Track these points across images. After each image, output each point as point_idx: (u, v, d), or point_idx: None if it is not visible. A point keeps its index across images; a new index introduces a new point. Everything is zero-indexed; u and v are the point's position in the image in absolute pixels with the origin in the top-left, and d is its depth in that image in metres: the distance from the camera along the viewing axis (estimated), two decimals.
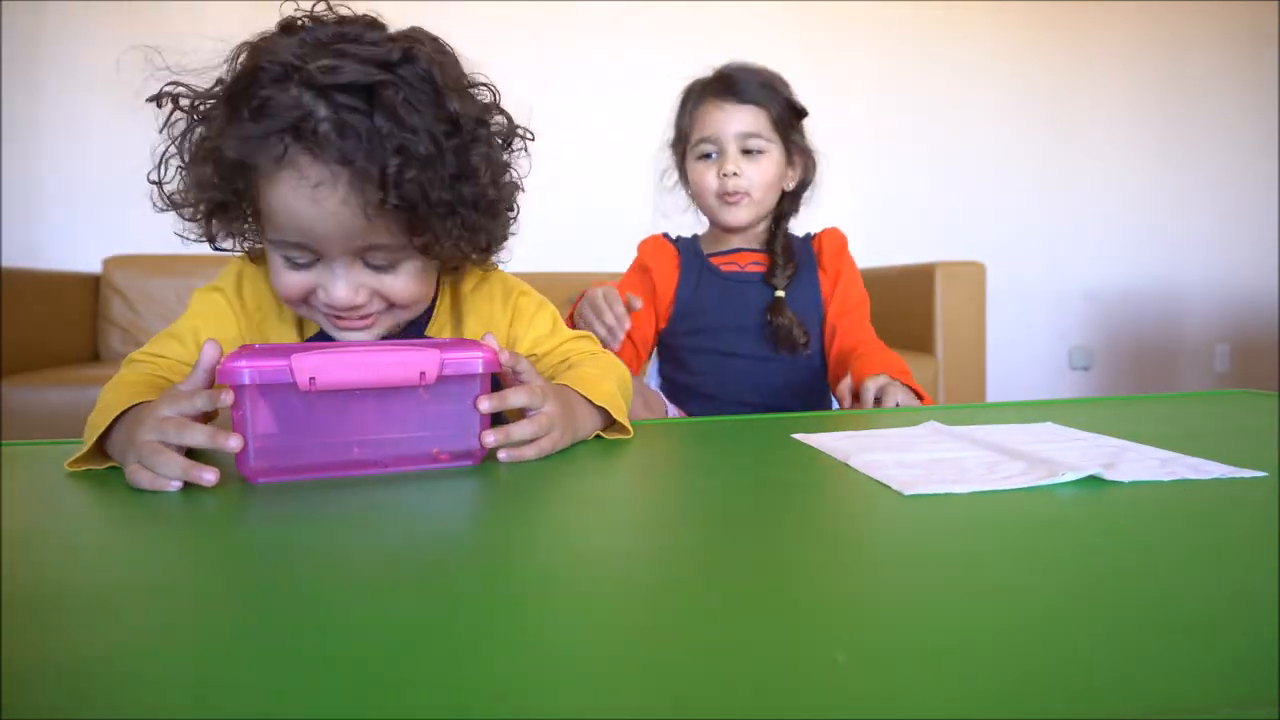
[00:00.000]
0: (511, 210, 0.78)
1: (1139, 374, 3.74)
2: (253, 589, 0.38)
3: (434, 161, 0.65)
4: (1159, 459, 0.60)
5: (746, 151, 1.19)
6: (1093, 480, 0.54)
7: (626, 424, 0.75)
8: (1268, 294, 3.79)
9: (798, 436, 0.73)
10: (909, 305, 2.65)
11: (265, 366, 0.56)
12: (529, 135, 0.79)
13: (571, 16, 3.15)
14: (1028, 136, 3.57)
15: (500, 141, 0.75)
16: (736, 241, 1.27)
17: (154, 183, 0.73)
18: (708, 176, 1.20)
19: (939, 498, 0.51)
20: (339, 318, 0.73)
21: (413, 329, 0.80)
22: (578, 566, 0.41)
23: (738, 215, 1.20)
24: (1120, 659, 0.29)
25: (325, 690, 0.27)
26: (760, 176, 1.19)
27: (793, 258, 1.24)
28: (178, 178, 0.72)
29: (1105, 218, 3.67)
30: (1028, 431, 0.73)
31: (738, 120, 1.18)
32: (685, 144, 1.24)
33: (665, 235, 1.32)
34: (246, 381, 0.56)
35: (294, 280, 0.71)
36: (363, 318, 0.73)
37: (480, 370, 0.62)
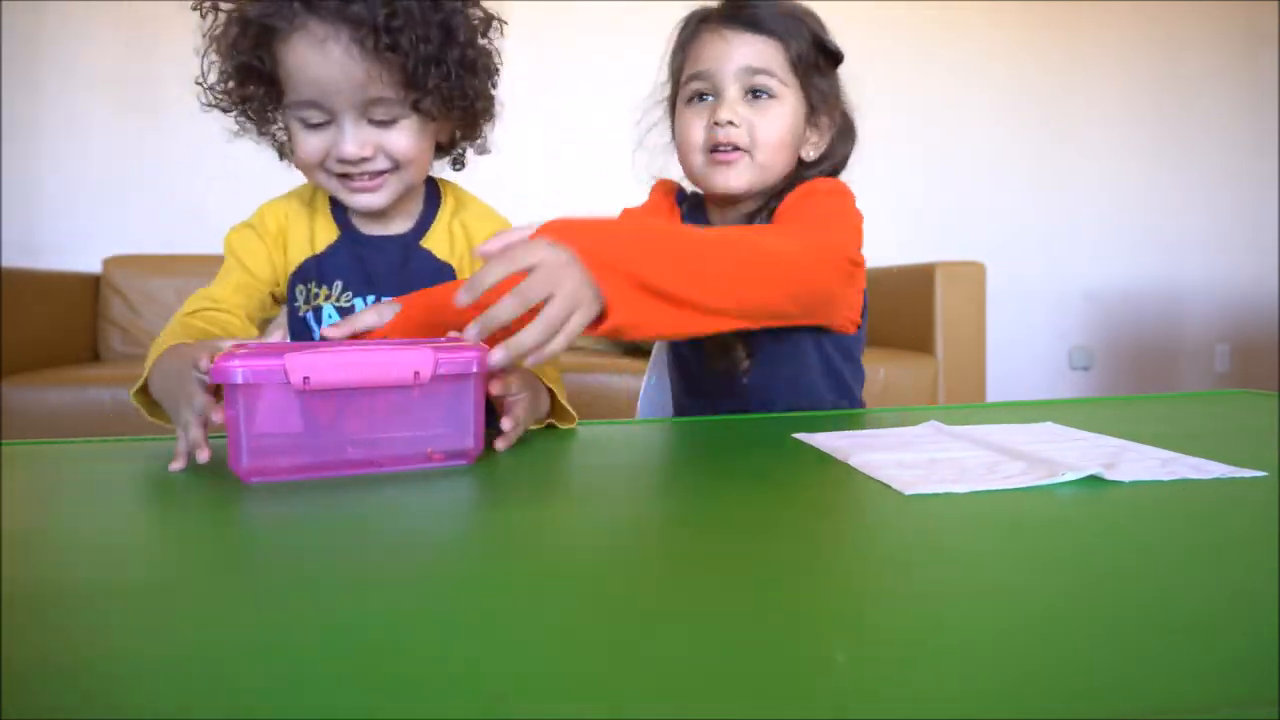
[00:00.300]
0: (490, 77, 0.90)
1: (1139, 374, 3.74)
2: (252, 588, 0.38)
3: (419, 15, 0.79)
4: (1159, 459, 0.60)
5: (753, 94, 0.89)
6: (1093, 480, 0.54)
7: (569, 409, 0.79)
8: (1268, 294, 3.79)
9: (798, 436, 0.73)
10: (909, 305, 2.65)
11: (259, 366, 0.56)
12: (504, 22, 0.92)
13: (571, 16, 3.15)
14: (1025, 137, 3.57)
15: (478, 17, 0.88)
16: (736, 222, 0.95)
17: (199, 84, 0.85)
18: (695, 126, 0.89)
19: (939, 497, 0.51)
20: (351, 180, 0.85)
21: (413, 236, 0.94)
22: (576, 566, 0.41)
23: (729, 179, 0.88)
24: (1120, 659, 0.29)
25: (325, 690, 0.27)
26: (767, 128, 0.88)
27: None
28: (214, 72, 0.84)
29: (1105, 218, 3.67)
30: (1028, 431, 0.73)
31: (743, 53, 0.88)
32: (675, 84, 0.95)
33: (678, 191, 1.03)
34: (240, 381, 0.56)
35: (311, 144, 0.83)
36: (372, 177, 0.85)
37: (475, 370, 0.62)
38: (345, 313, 0.91)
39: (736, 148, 0.88)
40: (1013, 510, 0.49)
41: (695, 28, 0.93)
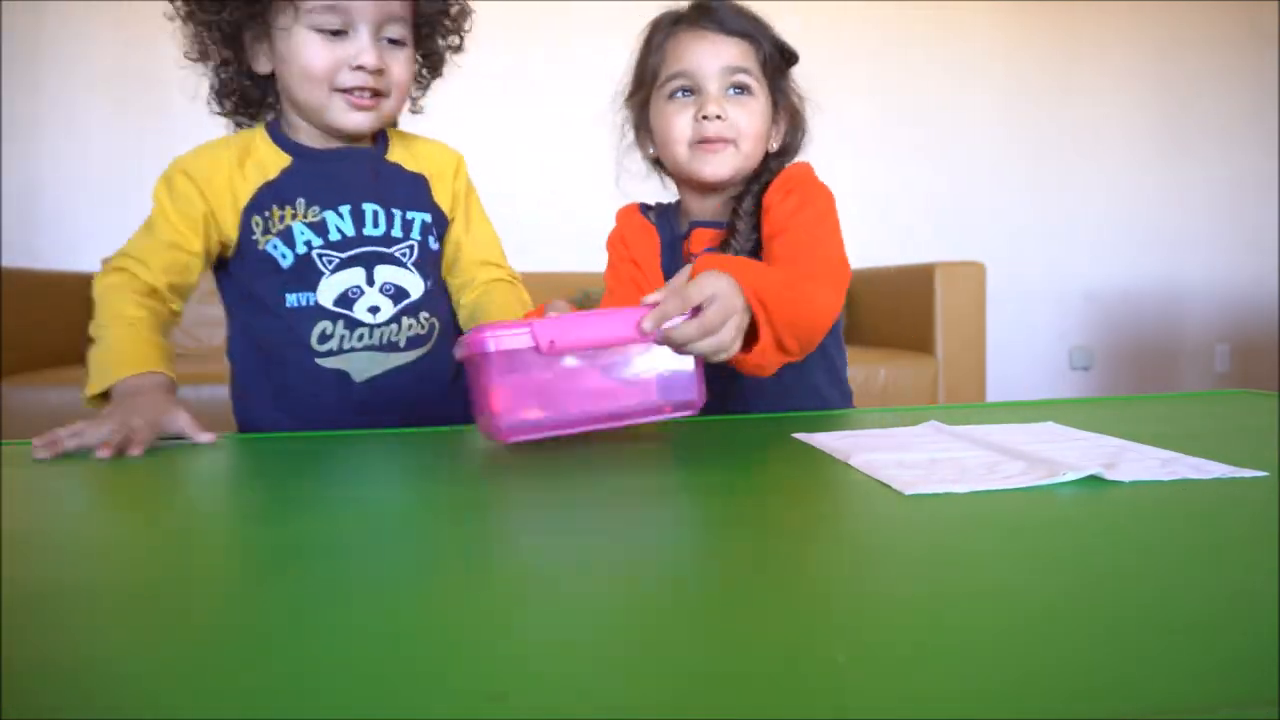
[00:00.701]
0: (459, 37, 1.00)
1: (1139, 374, 3.74)
2: (252, 588, 0.38)
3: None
4: (1159, 459, 0.60)
5: (734, 91, 0.96)
6: (1093, 480, 0.54)
7: None
8: (1268, 294, 3.79)
9: (798, 436, 0.73)
10: (909, 305, 2.65)
11: (508, 332, 0.63)
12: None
13: (566, 17, 3.15)
14: (1025, 137, 3.57)
15: None
16: (721, 211, 1.01)
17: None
18: (680, 120, 0.95)
19: (939, 497, 0.51)
20: (352, 95, 0.88)
21: (377, 151, 0.98)
22: (577, 565, 0.41)
23: (718, 166, 0.95)
24: (1120, 659, 0.29)
25: (325, 689, 0.27)
26: (750, 121, 0.96)
27: (757, 229, 0.98)
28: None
29: (1105, 218, 3.67)
30: (1028, 431, 0.73)
31: (725, 53, 0.95)
32: (650, 87, 0.99)
33: (641, 207, 1.09)
34: (491, 349, 0.62)
35: (324, 54, 0.86)
36: (371, 96, 0.89)
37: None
38: (316, 226, 0.92)
39: (722, 139, 0.95)
40: (1013, 510, 0.49)
41: (670, 30, 0.99)
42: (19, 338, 2.34)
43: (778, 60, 1.00)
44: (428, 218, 0.99)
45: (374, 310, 0.95)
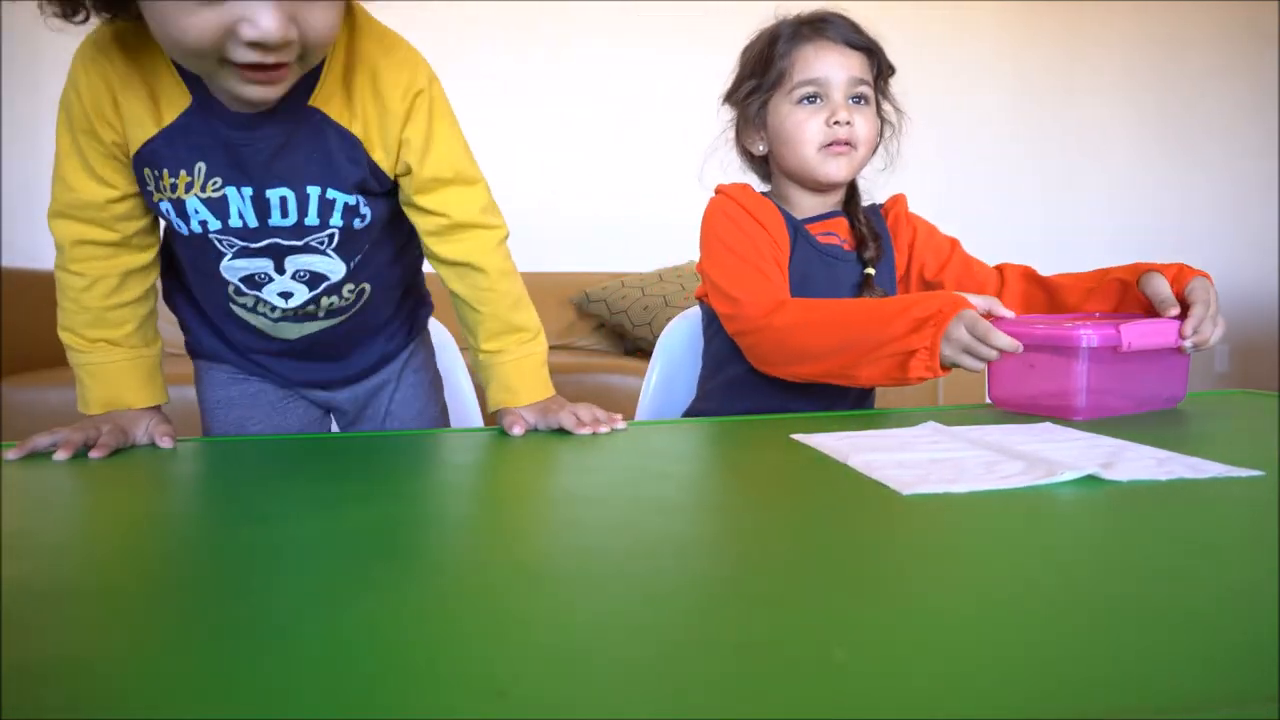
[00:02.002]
0: None
1: None
2: (250, 587, 0.38)
3: None
4: (1157, 458, 0.61)
5: (854, 100, 1.05)
6: (1091, 479, 0.55)
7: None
8: (1268, 294, 3.79)
9: (797, 437, 0.73)
10: None
11: (1101, 334, 0.80)
12: None
13: (566, 17, 3.15)
14: (1027, 137, 3.57)
15: None
16: (824, 208, 1.11)
17: None
18: (811, 124, 1.04)
19: (937, 497, 0.51)
20: (256, 69, 0.63)
21: (299, 93, 0.72)
22: (577, 565, 0.41)
23: (841, 169, 1.06)
24: (1118, 657, 0.29)
25: (325, 688, 0.27)
26: (868, 129, 1.06)
27: (878, 232, 1.11)
28: None
29: (1106, 217, 3.67)
30: (1026, 431, 0.73)
31: (851, 64, 1.05)
32: (773, 89, 1.07)
33: (760, 191, 1.14)
34: (1084, 344, 0.80)
35: (204, 20, 0.59)
36: (277, 68, 0.64)
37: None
38: (214, 205, 0.74)
39: (849, 143, 1.05)
40: (1011, 510, 0.49)
41: (796, 38, 1.07)
42: (19, 338, 2.34)
43: (885, 73, 1.10)
44: (352, 200, 0.78)
45: (286, 296, 0.83)
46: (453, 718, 0.25)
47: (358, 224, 0.80)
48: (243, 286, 0.82)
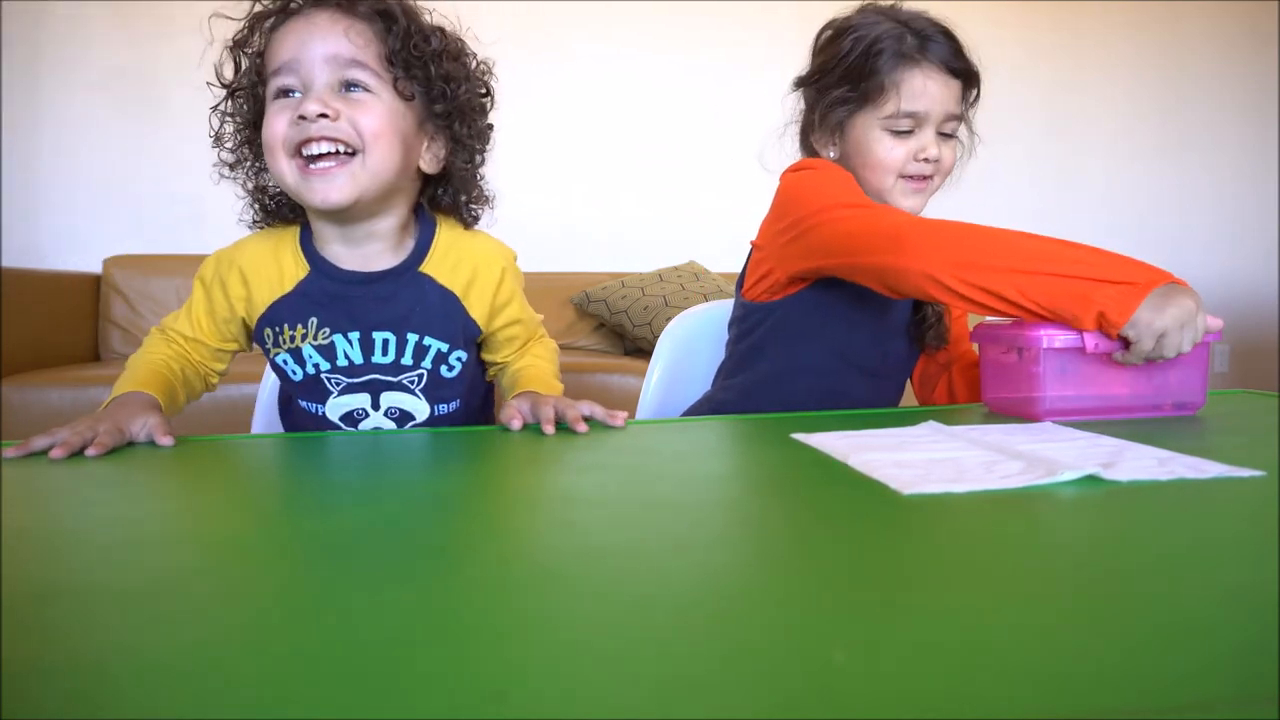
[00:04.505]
0: (475, 97, 0.89)
1: None
2: (250, 586, 0.38)
3: (412, 30, 0.82)
4: (1157, 458, 0.61)
5: (943, 134, 1.03)
6: (1091, 479, 0.55)
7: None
8: (1268, 294, 3.79)
9: (797, 436, 0.73)
10: None
11: (1060, 335, 0.80)
12: (491, 67, 0.92)
13: (566, 17, 3.15)
14: (1025, 136, 3.57)
15: (471, 54, 0.90)
16: None
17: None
18: (897, 152, 1.01)
19: (937, 497, 0.51)
20: (311, 165, 0.80)
21: (411, 262, 0.91)
22: (576, 565, 0.41)
23: (916, 200, 1.04)
24: (1118, 657, 0.29)
25: (326, 688, 0.27)
26: (950, 161, 1.04)
27: None
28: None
29: (1104, 217, 3.67)
30: (1026, 431, 0.73)
31: (950, 97, 1.01)
32: (864, 102, 1.02)
33: None
34: (1045, 345, 0.79)
35: (278, 118, 0.80)
36: (333, 159, 0.80)
37: (1207, 341, 0.82)
38: (325, 351, 0.90)
39: (929, 177, 1.04)
40: (1011, 510, 0.49)
41: (902, 56, 0.99)
42: (19, 338, 2.34)
43: (974, 97, 1.06)
44: (444, 346, 0.92)
45: (377, 430, 0.95)
46: (452, 718, 0.25)
47: (445, 372, 0.94)
48: (342, 425, 0.94)
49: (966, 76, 1.02)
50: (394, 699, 0.26)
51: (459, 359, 0.94)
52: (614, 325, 2.84)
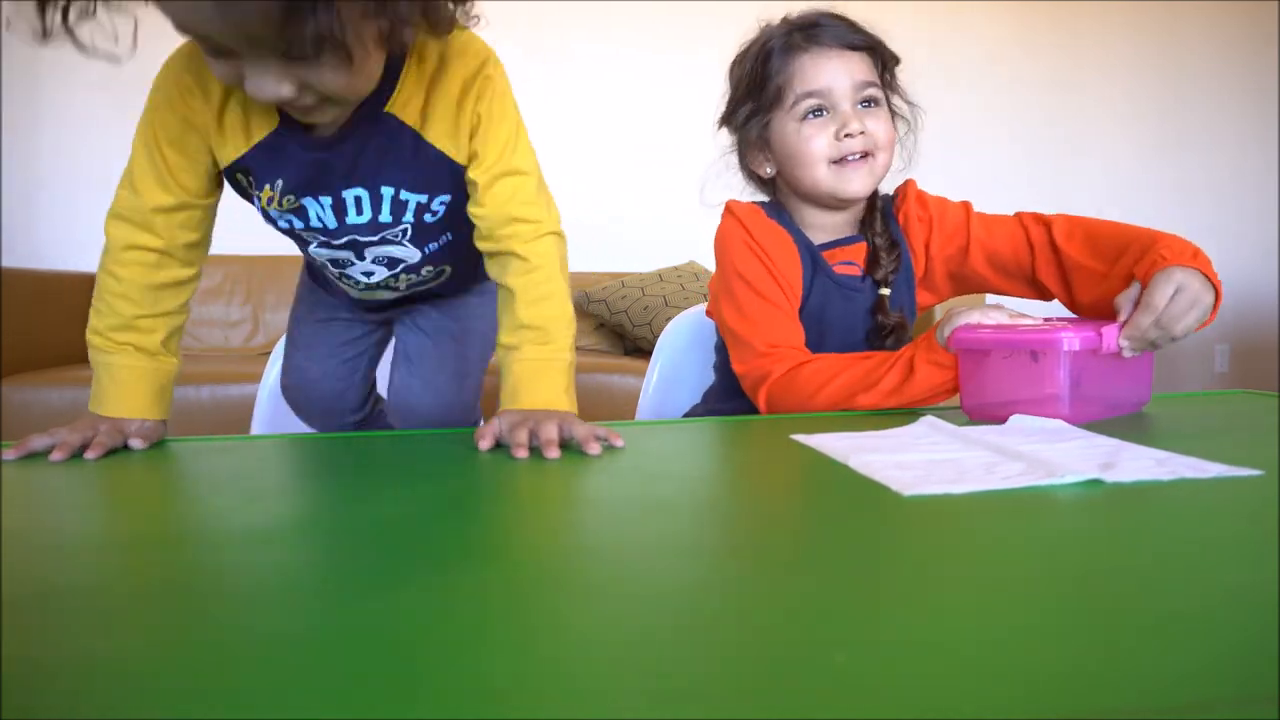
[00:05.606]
0: None
1: None
2: (250, 586, 0.38)
3: None
4: (1157, 458, 0.60)
5: (863, 105, 0.98)
6: (1091, 480, 0.54)
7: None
8: (1268, 294, 3.79)
9: (796, 437, 0.73)
10: None
11: (1083, 336, 0.78)
12: None
13: (566, 17, 3.15)
14: (1024, 136, 3.57)
15: None
16: (842, 227, 1.04)
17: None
18: (818, 140, 0.97)
19: (938, 498, 0.51)
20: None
21: (376, 102, 0.76)
22: (576, 565, 0.41)
23: (860, 183, 0.98)
24: (1118, 657, 0.29)
25: (324, 688, 0.27)
26: (885, 131, 0.98)
27: (896, 243, 1.03)
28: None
29: (1104, 217, 3.67)
30: (1024, 431, 0.73)
31: (853, 69, 0.97)
32: (772, 108, 0.99)
33: (763, 208, 1.03)
34: (1065, 348, 0.77)
35: (222, 70, 0.66)
36: (306, 110, 0.69)
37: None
38: (297, 213, 0.82)
39: (864, 152, 0.98)
40: (1011, 510, 0.49)
41: (789, 49, 0.98)
42: (19, 338, 2.34)
43: (891, 66, 1.02)
44: (423, 198, 0.83)
45: (368, 274, 0.92)
46: (453, 717, 0.25)
47: (428, 219, 0.85)
48: (330, 265, 0.91)
49: (869, 49, 0.99)
50: (394, 699, 0.26)
51: (442, 203, 0.84)
52: (614, 325, 2.84)
